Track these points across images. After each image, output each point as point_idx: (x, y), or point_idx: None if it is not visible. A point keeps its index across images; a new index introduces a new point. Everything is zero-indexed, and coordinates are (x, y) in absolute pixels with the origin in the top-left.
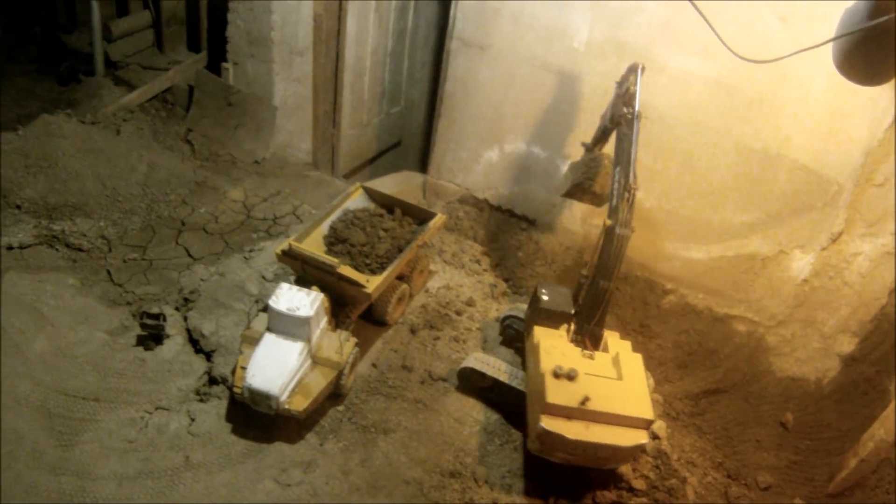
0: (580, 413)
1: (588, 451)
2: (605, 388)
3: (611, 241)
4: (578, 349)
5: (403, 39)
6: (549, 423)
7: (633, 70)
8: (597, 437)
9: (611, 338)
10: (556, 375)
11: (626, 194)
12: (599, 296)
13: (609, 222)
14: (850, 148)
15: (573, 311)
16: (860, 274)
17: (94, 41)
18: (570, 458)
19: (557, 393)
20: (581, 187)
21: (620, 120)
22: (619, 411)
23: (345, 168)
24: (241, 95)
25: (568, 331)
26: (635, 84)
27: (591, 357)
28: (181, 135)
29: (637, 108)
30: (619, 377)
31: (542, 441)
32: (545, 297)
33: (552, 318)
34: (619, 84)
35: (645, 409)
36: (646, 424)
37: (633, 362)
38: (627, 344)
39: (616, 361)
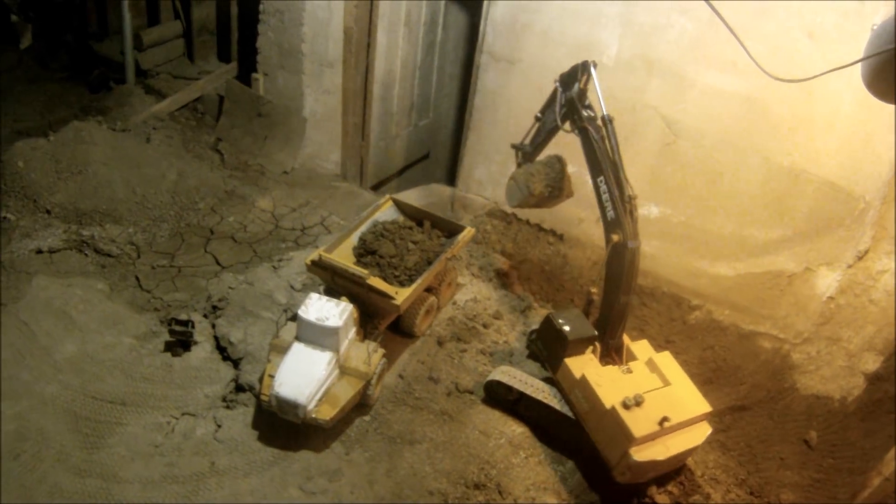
0: (660, 432)
1: (672, 460)
2: (665, 399)
3: (623, 257)
4: (616, 368)
5: (433, 52)
6: (640, 455)
7: (584, 69)
8: (679, 448)
9: (629, 343)
10: (627, 407)
11: (627, 205)
12: (621, 311)
13: (616, 238)
14: (878, 165)
15: (596, 333)
16: (886, 292)
17: (125, 50)
18: (657, 472)
19: (638, 424)
20: (542, 196)
21: (586, 125)
22: (688, 416)
23: (373, 180)
24: (271, 106)
25: (594, 352)
26: (588, 83)
27: (630, 371)
28: (211, 144)
29: (604, 110)
30: (667, 382)
31: (635, 471)
32: (567, 328)
33: (578, 346)
34: (564, 84)
35: (702, 404)
36: (707, 417)
37: (667, 362)
38: (646, 343)
39: (653, 367)
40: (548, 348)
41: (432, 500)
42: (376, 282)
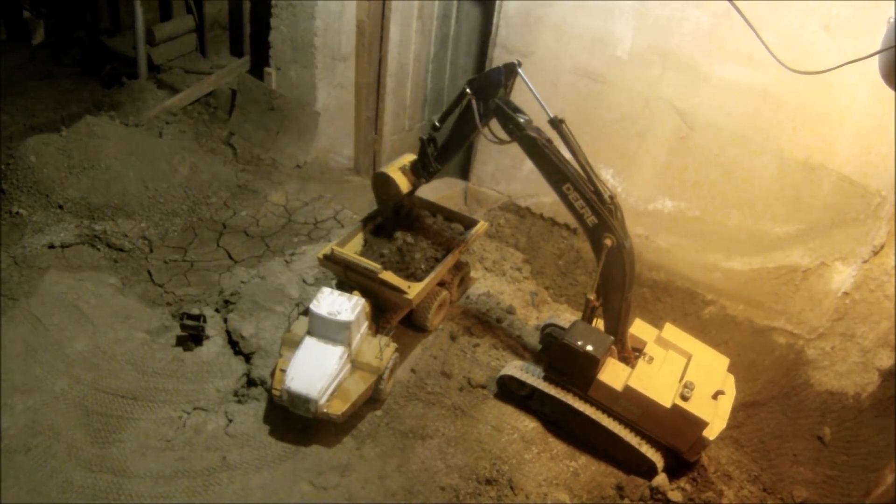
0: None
1: None
2: (699, 370)
3: (622, 258)
4: (642, 362)
5: (446, 46)
6: (711, 432)
7: (511, 71)
8: (727, 408)
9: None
10: (685, 398)
11: (607, 206)
12: (627, 309)
13: (609, 243)
14: (893, 160)
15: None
16: None
17: (137, 45)
18: None
19: (704, 410)
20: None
21: (528, 132)
22: (722, 377)
23: None
24: (284, 100)
25: (612, 355)
26: (511, 89)
27: (651, 360)
28: (223, 138)
29: (550, 112)
30: (687, 354)
31: (705, 447)
32: (590, 348)
33: (604, 360)
34: (479, 92)
35: (722, 359)
36: (727, 366)
37: (674, 333)
38: (640, 322)
39: (665, 344)
40: (570, 370)
41: (444, 495)
42: (389, 276)
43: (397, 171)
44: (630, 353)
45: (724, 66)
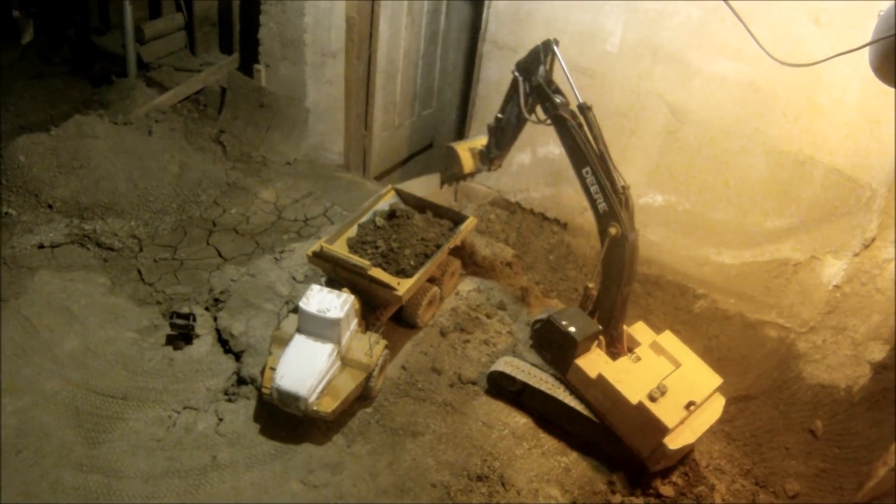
0: (687, 416)
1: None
2: (682, 381)
3: (623, 250)
4: (626, 359)
5: (436, 42)
6: (674, 443)
7: (546, 49)
8: (704, 426)
9: (627, 330)
10: (654, 399)
11: (620, 196)
12: (623, 303)
13: (614, 232)
14: (885, 152)
15: (600, 327)
16: (892, 280)
17: (126, 43)
18: (684, 453)
19: (669, 415)
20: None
21: (560, 112)
22: (705, 393)
23: (376, 170)
24: (273, 97)
25: (599, 346)
26: (552, 65)
27: (639, 359)
28: (213, 136)
29: (579, 97)
30: (677, 363)
31: (668, 458)
32: (573, 329)
33: (586, 345)
34: (524, 72)
35: (714, 377)
36: (719, 388)
37: (671, 342)
38: (643, 325)
39: (659, 349)
40: (553, 351)
41: (435, 492)
42: (378, 272)
43: (466, 151)
44: (623, 351)
45: (715, 60)
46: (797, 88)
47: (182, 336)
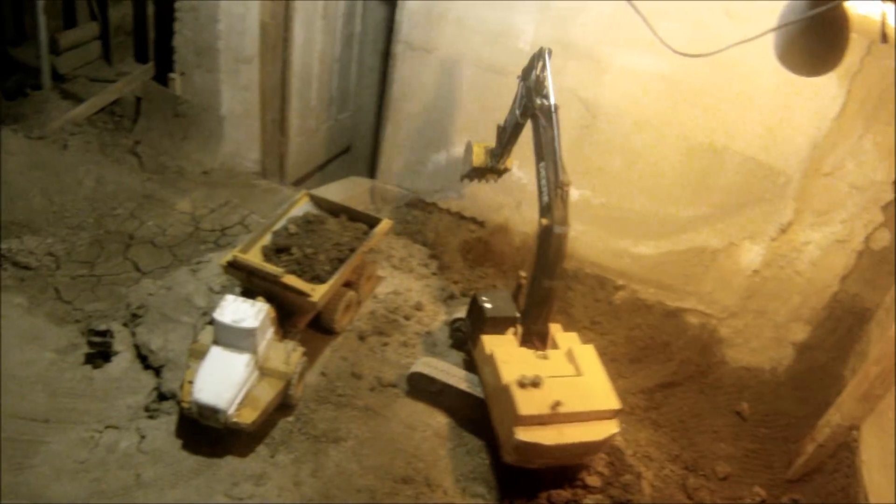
0: (552, 418)
1: (565, 451)
2: (570, 387)
3: (549, 241)
4: (531, 352)
5: (352, 44)
6: (524, 435)
7: (539, 56)
8: (572, 438)
9: (557, 332)
10: (522, 385)
11: (559, 191)
12: (546, 295)
13: (545, 222)
14: (798, 139)
15: (518, 314)
16: (811, 262)
17: (41, 54)
18: (549, 461)
19: (528, 403)
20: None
21: (537, 112)
22: (588, 408)
23: (294, 176)
24: (189, 106)
25: (515, 334)
26: (544, 70)
27: (545, 357)
28: (129, 147)
29: (552, 99)
30: (579, 373)
31: (520, 452)
32: (489, 305)
33: (498, 325)
34: (524, 76)
35: (611, 400)
36: (614, 414)
37: (587, 355)
38: (575, 335)
39: (571, 357)
40: (472, 327)
41: (360, 497)
42: (291, 279)
43: (480, 146)
44: (538, 347)
45: (627, 54)
46: (710, 80)
47: (100, 354)
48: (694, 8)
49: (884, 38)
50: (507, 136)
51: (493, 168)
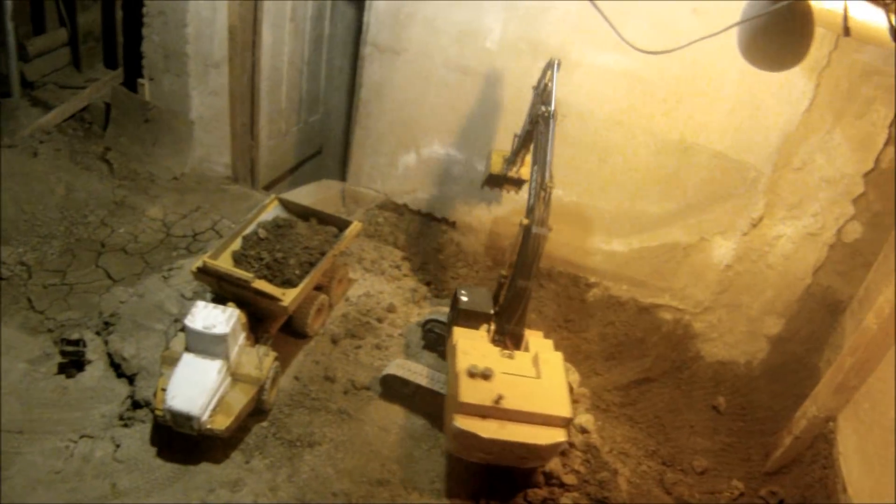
0: (495, 412)
1: (505, 450)
2: (522, 386)
3: (528, 241)
4: (498, 349)
5: (321, 47)
6: (463, 423)
7: (549, 66)
8: (512, 436)
9: (532, 337)
10: (471, 375)
11: (542, 193)
12: (519, 295)
13: (526, 221)
14: (767, 134)
15: (493, 312)
16: (783, 256)
17: (9, 61)
18: (489, 457)
19: (471, 392)
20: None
21: (538, 118)
22: (534, 409)
23: (265, 180)
24: (158, 111)
25: (488, 331)
26: (552, 80)
27: (510, 357)
28: (99, 154)
29: (553, 106)
30: (538, 376)
31: (458, 441)
32: (464, 298)
33: (471, 319)
34: (537, 85)
35: (562, 407)
36: (564, 422)
37: (553, 361)
38: (549, 343)
39: (536, 360)
40: (450, 320)
41: (336, 501)
42: (262, 284)
43: (498, 154)
44: (510, 347)
45: (595, 53)
46: (678, 77)
47: (73, 363)
48: (660, 7)
49: (846, 31)
50: (521, 141)
51: (510, 178)
